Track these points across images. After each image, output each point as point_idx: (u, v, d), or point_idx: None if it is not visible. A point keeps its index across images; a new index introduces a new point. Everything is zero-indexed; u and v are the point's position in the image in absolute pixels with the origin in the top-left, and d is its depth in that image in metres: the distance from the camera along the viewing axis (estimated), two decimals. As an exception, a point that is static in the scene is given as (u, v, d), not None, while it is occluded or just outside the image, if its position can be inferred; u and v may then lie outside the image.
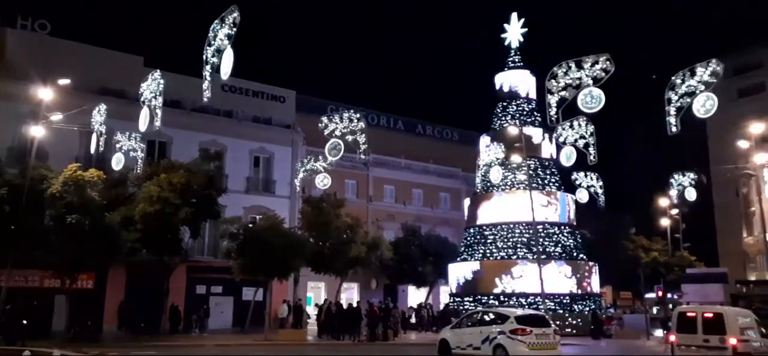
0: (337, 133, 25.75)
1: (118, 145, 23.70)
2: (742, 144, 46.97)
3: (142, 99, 19.95)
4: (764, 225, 40.17)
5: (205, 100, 18.06)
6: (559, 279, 36.41)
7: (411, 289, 45.68)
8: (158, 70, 19.73)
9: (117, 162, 23.59)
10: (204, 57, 17.33)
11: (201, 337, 28.47)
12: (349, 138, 25.83)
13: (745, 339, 15.89)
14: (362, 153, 25.72)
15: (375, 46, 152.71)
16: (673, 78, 18.95)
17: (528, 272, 36.33)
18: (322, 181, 28.32)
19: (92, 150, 23.44)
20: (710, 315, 16.35)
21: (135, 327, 29.47)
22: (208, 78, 17.55)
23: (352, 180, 47.31)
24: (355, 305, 31.90)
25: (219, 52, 17.01)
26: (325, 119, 25.56)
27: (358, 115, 26.18)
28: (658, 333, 35.33)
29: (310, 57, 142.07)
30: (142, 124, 19.85)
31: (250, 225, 30.65)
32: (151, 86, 19.58)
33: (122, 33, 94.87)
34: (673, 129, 19.31)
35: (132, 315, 30.20)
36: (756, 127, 44.14)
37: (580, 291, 37.24)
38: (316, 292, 41.99)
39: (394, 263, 41.26)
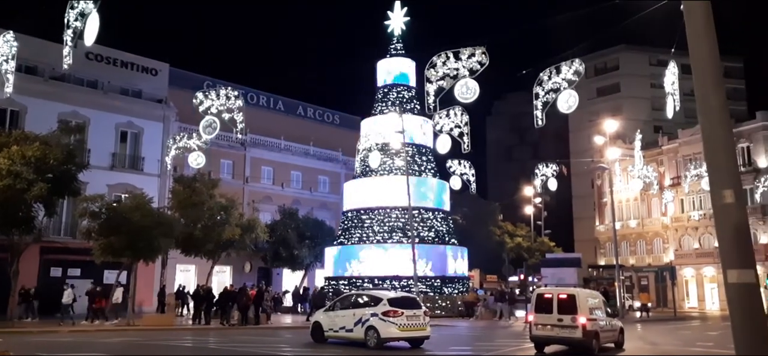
0: (213, 110, 24.85)
1: (-40, 112, 21.27)
2: (598, 139, 51.33)
3: (-10, 63, 17.95)
4: (613, 215, 44.15)
5: (66, 67, 16.54)
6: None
7: (286, 272, 45.32)
8: (11, 32, 17.85)
9: (-42, 130, 21.16)
10: (65, 20, 15.89)
11: (56, 323, 26.35)
12: (226, 116, 25.02)
13: (593, 319, 17.33)
14: (239, 132, 25.03)
15: (257, 22, 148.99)
16: (540, 74, 20.15)
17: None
18: (196, 160, 27.23)
19: (-72, 115, 20.85)
20: (564, 296, 17.60)
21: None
22: (70, 44, 16.13)
23: (228, 160, 45.92)
24: (227, 288, 31.12)
25: (82, 15, 15.64)
26: (200, 95, 24.58)
27: (235, 93, 25.43)
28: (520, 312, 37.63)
29: (187, 29, 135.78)
30: (-10, 90, 17.90)
31: (114, 204, 28.77)
32: (3, 49, 17.66)
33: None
34: (540, 122, 20.58)
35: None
36: (610, 125, 48.39)
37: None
38: (185, 275, 40.43)
39: (270, 246, 40.71)
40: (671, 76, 19.72)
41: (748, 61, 76.31)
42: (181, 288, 35.06)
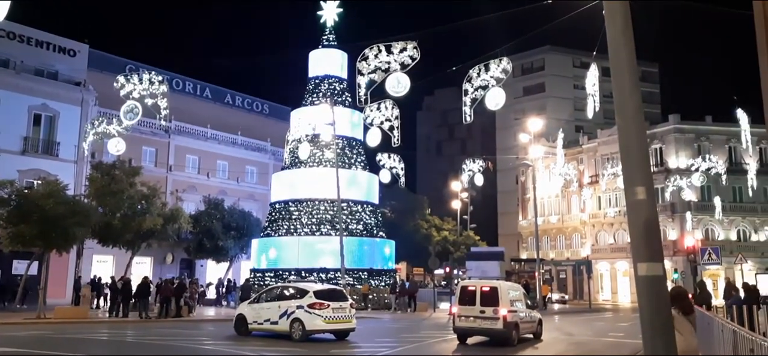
0: (136, 94, 24.01)
1: None
2: (523, 137, 52.94)
3: None
4: (536, 211, 45.69)
5: (-29, 42, 15.51)
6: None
7: (210, 264, 44.25)
8: None
9: None
10: (-29, -8, 14.81)
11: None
12: (149, 101, 24.20)
13: (513, 310, 17.89)
14: (163, 118, 24.25)
15: (187, 7, 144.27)
16: (470, 71, 20.55)
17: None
18: (116, 146, 26.23)
19: None
20: (487, 288, 18.06)
21: None
22: (-24, 17, 15.07)
23: (150, 148, 44.36)
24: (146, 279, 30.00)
25: (-9, -12, 14.64)
26: (121, 78, 23.68)
27: (160, 78, 24.66)
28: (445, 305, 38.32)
29: (111, 10, 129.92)
30: None
31: (26, 191, 27.17)
32: None
33: None
34: (468, 118, 20.99)
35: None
36: (535, 123, 50.03)
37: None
38: (103, 266, 38.76)
39: (194, 236, 39.63)
40: (592, 77, 20.58)
41: (662, 67, 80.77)
42: (96, 279, 33.59)
